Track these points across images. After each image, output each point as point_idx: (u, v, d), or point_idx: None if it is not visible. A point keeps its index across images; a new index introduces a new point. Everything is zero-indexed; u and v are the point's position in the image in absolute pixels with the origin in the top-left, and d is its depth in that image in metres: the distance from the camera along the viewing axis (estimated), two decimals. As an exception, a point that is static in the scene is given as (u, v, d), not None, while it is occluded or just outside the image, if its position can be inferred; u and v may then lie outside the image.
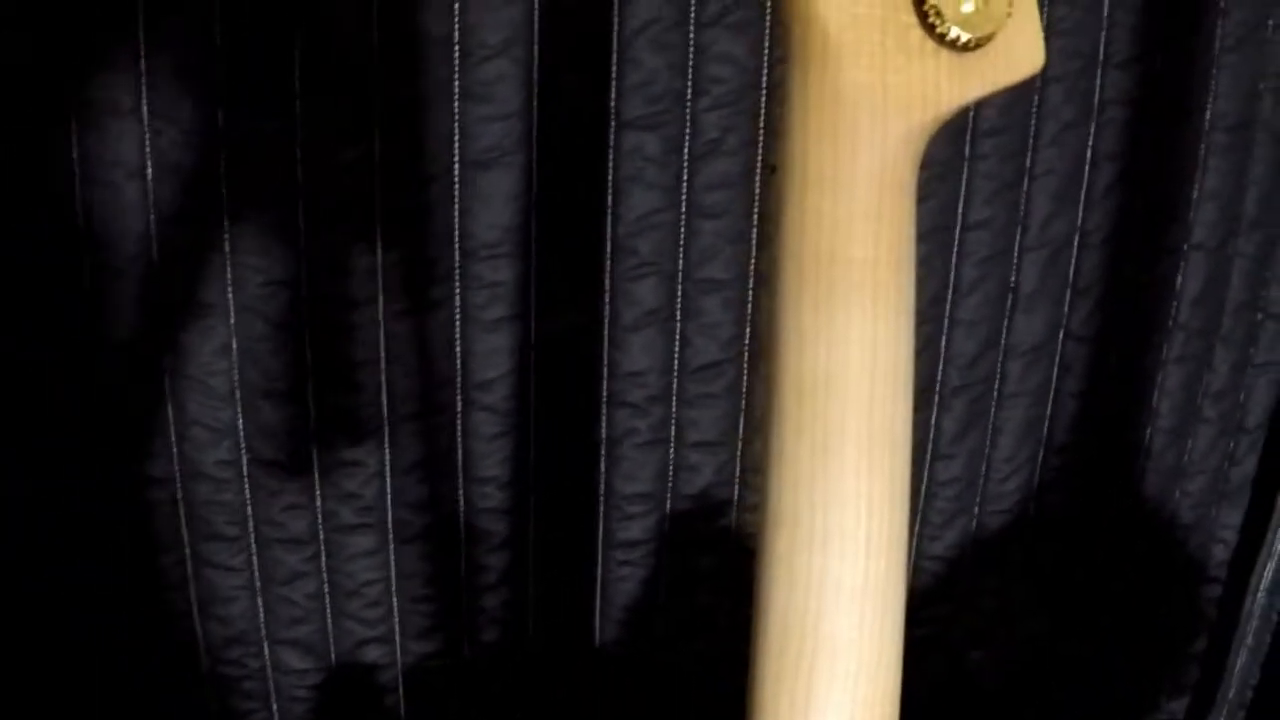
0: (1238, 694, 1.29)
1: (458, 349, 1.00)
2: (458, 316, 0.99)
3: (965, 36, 0.49)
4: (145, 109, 0.91)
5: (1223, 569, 1.26)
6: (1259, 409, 1.20)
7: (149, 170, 0.93)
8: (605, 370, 1.02)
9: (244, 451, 1.01)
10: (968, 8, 0.49)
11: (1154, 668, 1.28)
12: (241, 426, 1.01)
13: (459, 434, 1.03)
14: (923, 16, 0.48)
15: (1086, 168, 1.06)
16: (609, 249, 0.99)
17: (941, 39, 0.49)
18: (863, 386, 0.51)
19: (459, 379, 1.01)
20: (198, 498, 1.02)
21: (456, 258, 0.98)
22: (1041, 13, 0.96)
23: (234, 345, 0.99)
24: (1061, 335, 1.10)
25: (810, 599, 0.52)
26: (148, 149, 0.93)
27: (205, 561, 1.04)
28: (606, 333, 1.01)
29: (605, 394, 1.03)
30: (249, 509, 1.04)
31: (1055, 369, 1.11)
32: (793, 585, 0.53)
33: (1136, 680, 1.26)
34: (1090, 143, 1.06)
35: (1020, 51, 0.50)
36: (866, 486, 0.52)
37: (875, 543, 0.52)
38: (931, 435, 1.10)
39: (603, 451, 1.05)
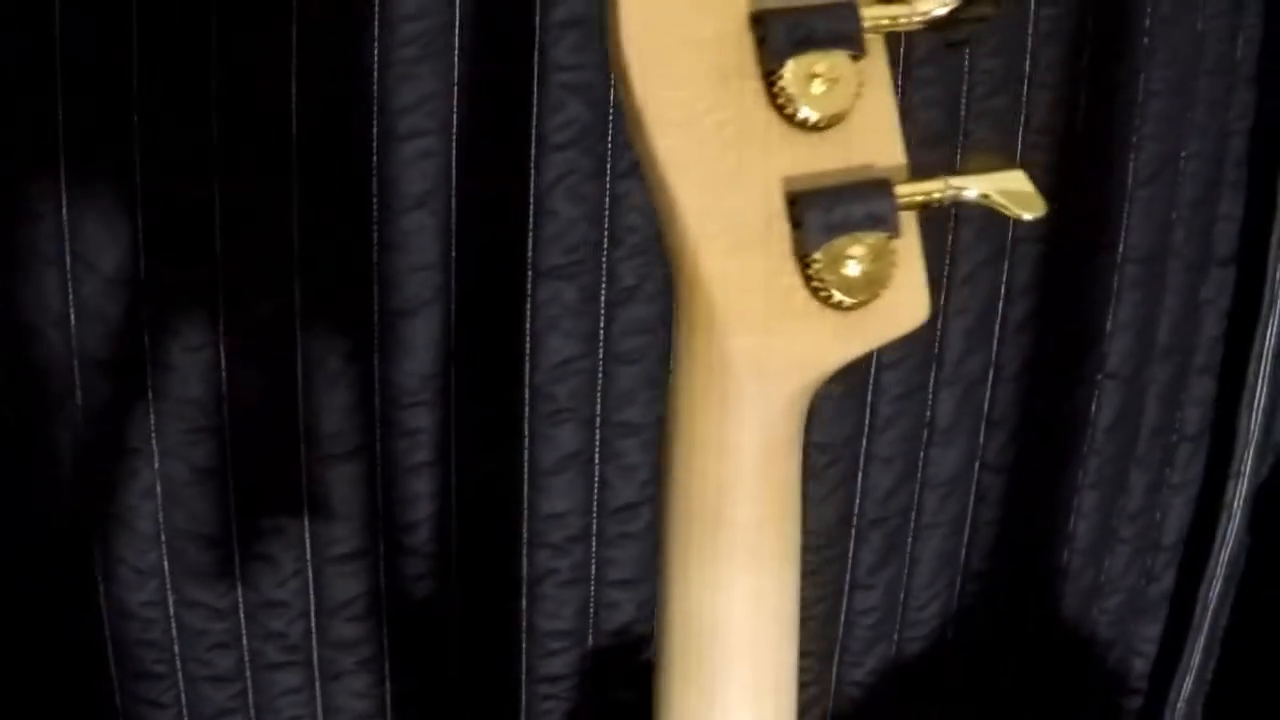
0: (1160, 802, 1.31)
1: (379, 494, 1.01)
2: (379, 462, 1.00)
3: (850, 299, 0.50)
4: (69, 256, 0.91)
5: (1143, 681, 1.27)
6: (1175, 526, 1.22)
7: (72, 317, 0.94)
8: (526, 512, 1.03)
9: (170, 592, 1.02)
10: (853, 269, 0.49)
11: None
12: (167, 568, 1.01)
13: (382, 576, 1.03)
14: (807, 279, 0.49)
15: (1000, 303, 1.08)
16: (527, 395, 1.00)
17: (826, 300, 0.49)
18: (745, 636, 0.53)
19: (381, 522, 1.02)
20: (127, 637, 1.03)
21: (377, 404, 0.99)
22: (954, 151, 0.99)
23: (158, 488, 0.99)
24: (977, 466, 1.12)
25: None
26: (70, 296, 0.94)
27: (136, 698, 1.04)
28: (526, 476, 1.02)
29: (526, 535, 1.04)
30: (176, 647, 1.04)
31: (971, 499, 1.13)
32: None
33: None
34: (1004, 279, 1.07)
35: (904, 305, 0.51)
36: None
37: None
38: (850, 566, 1.11)
39: (524, 590, 1.05)
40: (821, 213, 0.49)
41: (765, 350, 0.50)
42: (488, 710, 1.11)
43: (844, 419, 1.07)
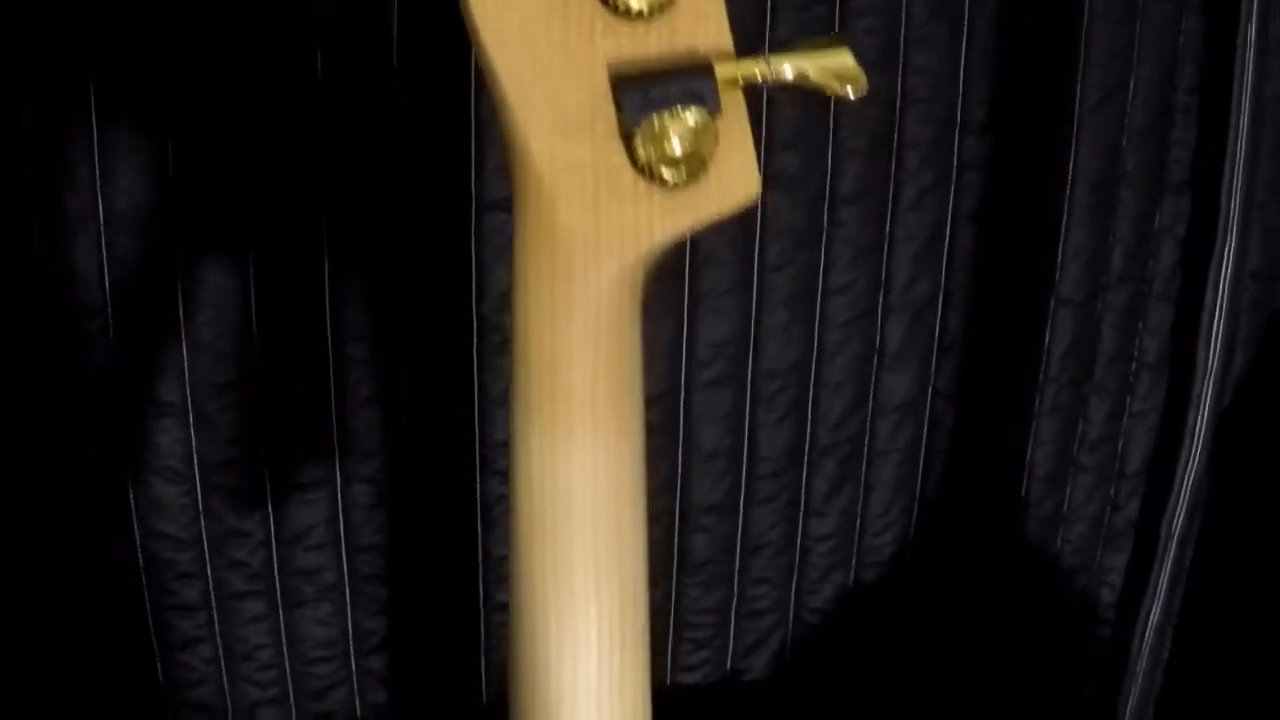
0: (1133, 732, 1.31)
1: (334, 426, 1.03)
2: (332, 394, 1.03)
3: (674, 177, 0.51)
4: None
5: (1110, 611, 1.28)
6: (1138, 455, 1.22)
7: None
8: (477, 440, 1.05)
9: (136, 524, 1.04)
10: (676, 146, 0.51)
11: (1046, 713, 1.30)
12: (133, 501, 1.04)
13: (340, 506, 1.06)
14: (633, 158, 0.51)
15: (947, 230, 1.09)
16: (475, 325, 1.02)
17: (652, 177, 0.51)
18: (585, 504, 0.54)
19: (337, 453, 1.04)
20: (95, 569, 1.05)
21: (330, 338, 1.01)
22: (895, 78, 1.00)
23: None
24: (930, 393, 1.13)
25: (551, 699, 0.55)
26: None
27: (103, 630, 1.07)
28: (476, 404, 1.04)
29: (479, 462, 1.06)
30: (143, 578, 1.07)
31: (925, 426, 1.14)
32: (534, 688, 0.56)
33: (1030, 721, 1.29)
34: (950, 205, 1.08)
35: (733, 181, 0.53)
36: (595, 592, 0.55)
37: (608, 645, 0.55)
38: (804, 493, 1.12)
39: (479, 517, 1.08)
40: (640, 91, 0.51)
41: (594, 226, 0.52)
42: (447, 637, 1.13)
43: (792, 345, 1.08)
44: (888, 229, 1.07)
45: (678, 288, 1.04)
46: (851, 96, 0.54)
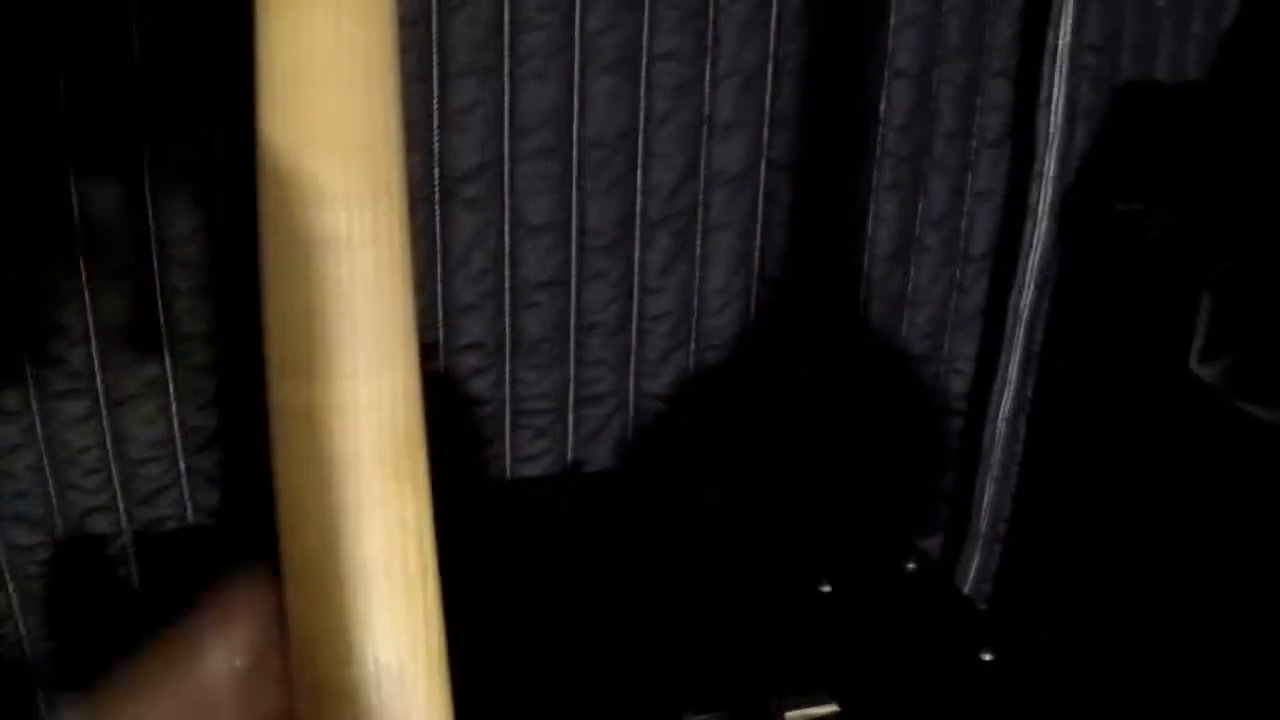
0: (990, 527, 1.31)
1: (149, 209, 1.00)
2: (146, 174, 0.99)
3: None
4: None
5: (962, 400, 1.27)
6: (982, 237, 1.21)
7: None
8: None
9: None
10: None
11: (900, 505, 1.29)
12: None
13: (158, 292, 1.02)
14: None
15: (774, -5, 1.07)
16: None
17: None
18: (329, 75, 0.52)
19: (151, 231, 1.00)
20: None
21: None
22: None
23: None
24: (763, 164, 1.11)
25: (300, 295, 0.53)
26: None
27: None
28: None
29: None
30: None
31: (760, 197, 1.12)
32: (284, 284, 0.53)
33: (883, 518, 1.27)
34: (776, -30, 1.06)
35: None
36: (342, 180, 0.52)
37: (358, 236, 0.53)
38: (637, 269, 1.10)
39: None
40: None
41: None
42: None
43: (617, 113, 1.06)
44: (713, -8, 1.05)
45: (496, 52, 1.01)
46: None
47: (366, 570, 0.54)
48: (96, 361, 1.04)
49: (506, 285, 1.07)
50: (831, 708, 0.86)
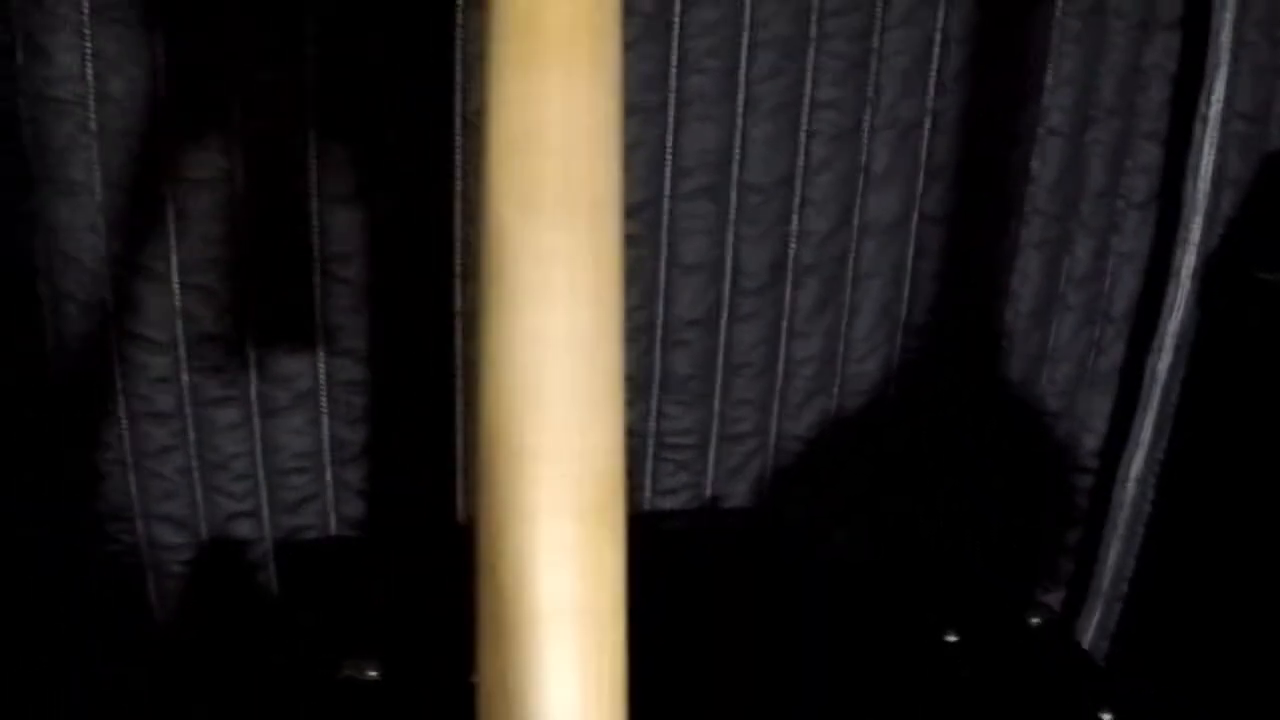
0: (1112, 586, 1.31)
1: (314, 225, 1.02)
2: (314, 192, 1.02)
3: None
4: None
5: (1093, 459, 1.28)
6: (1124, 296, 1.22)
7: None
8: (456, 244, 1.05)
9: (111, 325, 1.03)
10: None
11: (1026, 559, 1.29)
12: (110, 301, 1.03)
13: (318, 311, 1.05)
14: None
15: (935, 49, 1.08)
16: (458, 127, 1.01)
17: None
18: (559, 145, 0.53)
19: (316, 250, 1.03)
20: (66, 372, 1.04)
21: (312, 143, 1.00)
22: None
23: (101, 221, 1.00)
24: (915, 215, 1.13)
25: (517, 351, 0.54)
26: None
27: (76, 439, 1.06)
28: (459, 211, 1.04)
29: (459, 269, 1.05)
30: (119, 383, 1.05)
31: (910, 249, 1.13)
32: (501, 339, 0.55)
33: (1008, 571, 1.28)
34: (939, 24, 1.07)
35: None
36: (566, 240, 0.54)
37: (579, 295, 0.54)
38: (787, 312, 1.12)
39: (457, 325, 1.07)
40: None
41: None
42: (423, 446, 1.12)
43: (776, 159, 1.07)
44: (875, 44, 1.06)
45: (662, 93, 1.03)
46: None
47: (559, 610, 0.55)
48: (253, 371, 1.06)
49: (659, 321, 1.09)
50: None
